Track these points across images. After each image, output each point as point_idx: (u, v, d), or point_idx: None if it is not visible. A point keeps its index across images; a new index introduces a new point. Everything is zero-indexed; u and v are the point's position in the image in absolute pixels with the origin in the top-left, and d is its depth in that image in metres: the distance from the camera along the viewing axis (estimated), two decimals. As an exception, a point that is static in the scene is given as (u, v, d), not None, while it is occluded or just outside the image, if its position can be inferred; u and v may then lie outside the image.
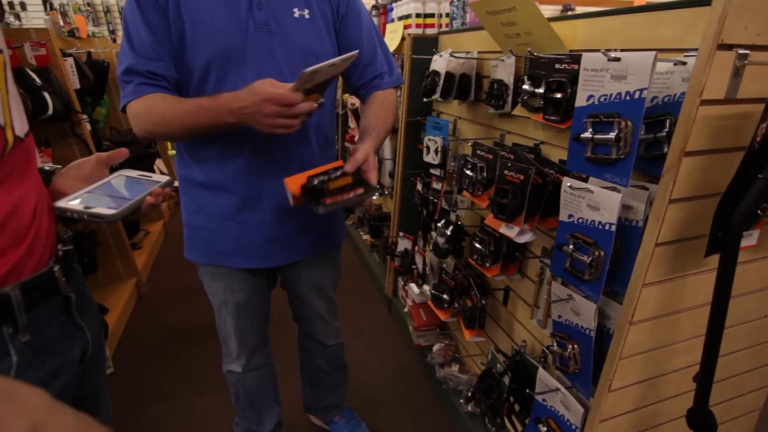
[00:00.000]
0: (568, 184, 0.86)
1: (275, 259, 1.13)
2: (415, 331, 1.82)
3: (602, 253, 0.81)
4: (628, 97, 0.72)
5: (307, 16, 1.00)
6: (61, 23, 2.49)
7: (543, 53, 1.01)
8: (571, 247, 0.85)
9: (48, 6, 4.47)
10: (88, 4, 4.56)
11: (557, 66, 0.94)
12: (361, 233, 2.89)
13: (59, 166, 0.68)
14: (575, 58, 0.88)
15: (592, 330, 0.86)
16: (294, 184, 0.92)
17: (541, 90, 0.99)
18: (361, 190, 0.92)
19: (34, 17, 4.54)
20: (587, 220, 0.83)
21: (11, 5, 4.21)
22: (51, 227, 0.61)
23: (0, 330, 0.50)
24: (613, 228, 0.78)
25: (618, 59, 0.72)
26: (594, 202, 0.81)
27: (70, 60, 2.17)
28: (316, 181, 0.89)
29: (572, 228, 0.87)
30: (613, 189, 0.79)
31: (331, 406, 1.54)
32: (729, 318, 0.70)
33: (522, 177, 0.98)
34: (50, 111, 1.80)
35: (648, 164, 0.79)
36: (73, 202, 0.62)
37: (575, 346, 0.91)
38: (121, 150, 0.71)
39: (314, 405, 1.55)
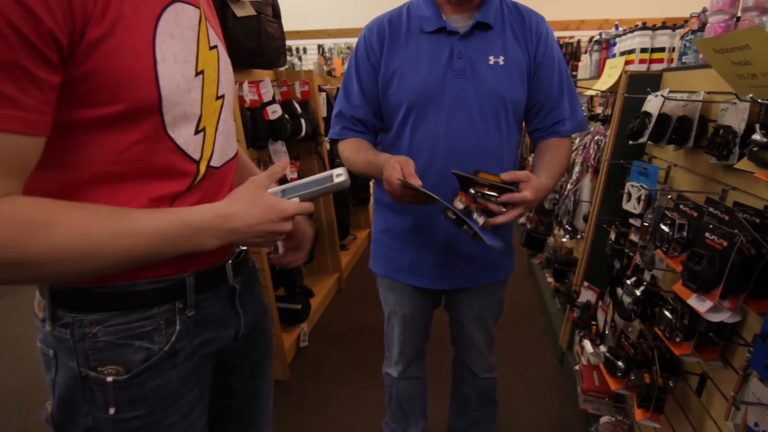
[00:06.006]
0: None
1: (443, 282, 1.22)
2: (583, 394, 1.64)
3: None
4: None
5: (501, 63, 1.07)
6: (324, 66, 3.19)
7: (784, 98, 0.83)
8: (780, 340, 0.67)
9: (321, 50, 5.72)
10: (348, 48, 5.63)
11: (799, 115, 0.76)
12: (546, 275, 2.73)
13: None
14: (825, 106, 0.70)
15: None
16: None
17: (773, 142, 0.81)
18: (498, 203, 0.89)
19: (312, 58, 5.87)
20: (811, 311, 0.65)
21: (297, 50, 5.57)
22: None
23: (174, 304, 0.63)
24: None
25: None
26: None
27: (324, 94, 2.76)
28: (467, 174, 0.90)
29: (788, 317, 0.68)
30: None
31: (475, 440, 1.53)
32: None
33: (726, 243, 0.81)
34: (303, 133, 2.34)
35: None
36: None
37: (776, 470, 0.71)
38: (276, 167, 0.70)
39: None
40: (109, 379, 0.59)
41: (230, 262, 0.71)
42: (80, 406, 0.61)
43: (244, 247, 0.78)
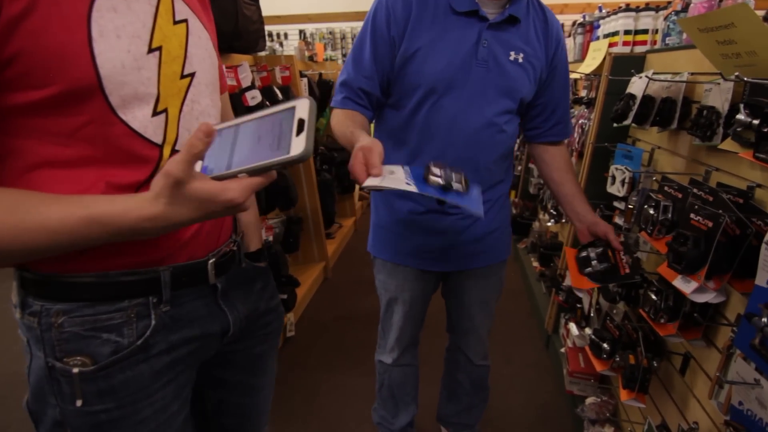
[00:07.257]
0: (774, 241, 0.68)
1: (450, 264, 1.21)
2: (569, 376, 1.66)
3: (812, 338, 0.62)
4: None
5: (520, 61, 1.06)
6: (305, 51, 3.11)
7: (769, 77, 0.82)
8: (765, 320, 0.67)
9: (302, 35, 5.60)
10: (330, 33, 5.52)
11: (785, 93, 0.76)
12: (532, 259, 2.75)
13: None
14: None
15: (786, 433, 0.67)
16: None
17: (757, 121, 0.81)
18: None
19: (293, 43, 5.74)
20: (796, 290, 0.65)
21: (278, 35, 5.44)
22: (214, 231, 0.69)
23: (147, 299, 0.61)
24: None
25: None
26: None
27: (305, 80, 2.70)
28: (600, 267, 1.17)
29: (772, 297, 0.68)
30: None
31: (464, 425, 1.54)
32: None
33: (710, 224, 0.81)
34: (284, 120, 2.28)
35: None
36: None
37: (759, 447, 0.71)
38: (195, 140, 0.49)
39: (447, 418, 1.57)
40: (75, 370, 0.57)
41: (213, 260, 0.67)
42: (48, 398, 0.60)
43: (234, 248, 0.73)
